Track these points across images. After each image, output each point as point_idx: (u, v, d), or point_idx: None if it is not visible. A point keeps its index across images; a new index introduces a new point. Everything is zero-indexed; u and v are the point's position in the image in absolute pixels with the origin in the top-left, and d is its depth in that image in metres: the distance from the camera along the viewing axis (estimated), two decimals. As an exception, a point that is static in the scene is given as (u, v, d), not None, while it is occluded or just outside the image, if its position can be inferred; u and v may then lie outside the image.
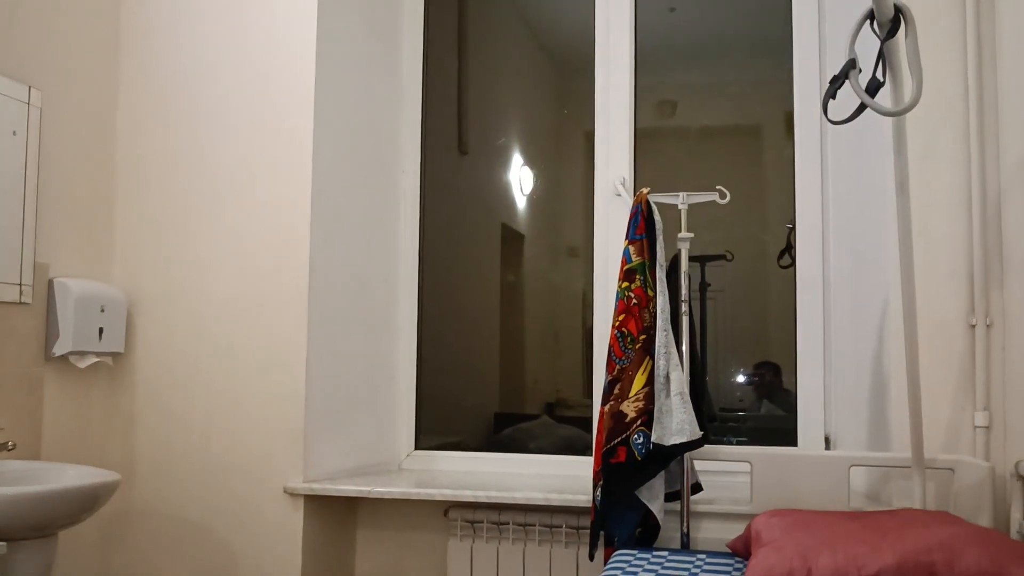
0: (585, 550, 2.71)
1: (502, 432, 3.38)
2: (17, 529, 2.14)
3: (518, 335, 3.46)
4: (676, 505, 2.45)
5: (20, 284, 2.59)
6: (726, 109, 3.18)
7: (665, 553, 2.26)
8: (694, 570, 2.10)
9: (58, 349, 2.67)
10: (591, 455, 3.04)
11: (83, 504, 2.27)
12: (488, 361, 3.49)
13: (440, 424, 3.33)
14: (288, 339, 2.81)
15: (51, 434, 2.70)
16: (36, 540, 2.24)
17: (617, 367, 2.40)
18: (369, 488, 2.73)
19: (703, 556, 2.23)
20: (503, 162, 3.41)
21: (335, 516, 2.94)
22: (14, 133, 2.58)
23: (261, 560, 2.78)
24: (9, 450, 2.34)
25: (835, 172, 2.89)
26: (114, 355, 2.90)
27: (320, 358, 2.85)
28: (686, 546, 2.42)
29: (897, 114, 1.85)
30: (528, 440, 3.25)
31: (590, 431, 3.08)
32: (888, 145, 2.31)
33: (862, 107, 1.86)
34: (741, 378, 3.09)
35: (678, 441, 2.31)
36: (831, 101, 1.93)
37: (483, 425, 3.47)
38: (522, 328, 3.45)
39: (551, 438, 3.23)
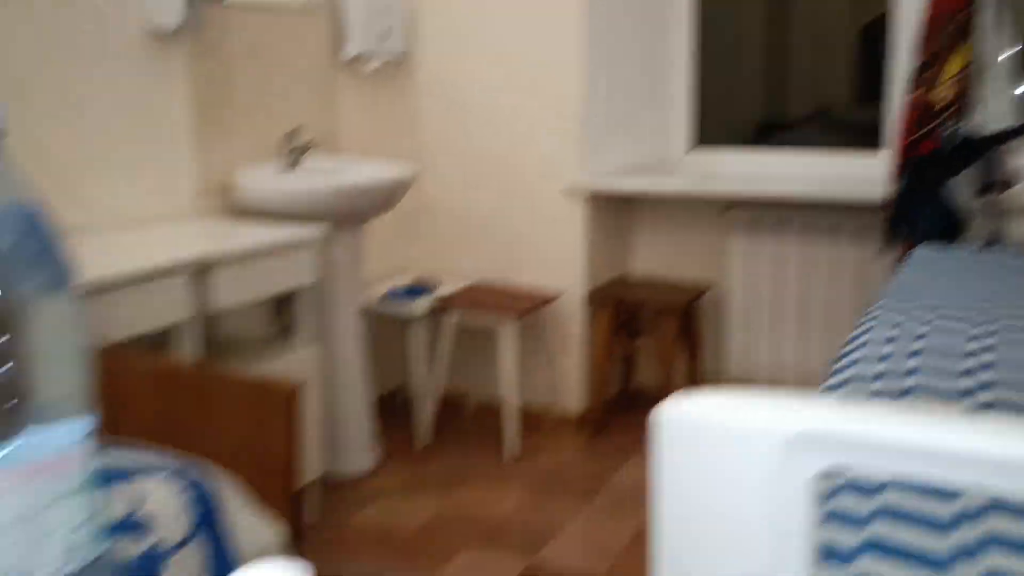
0: (870, 250, 2.63)
1: (773, 135, 3.26)
2: (336, 214, 2.36)
3: (784, 35, 3.25)
4: (983, 201, 2.29)
5: (310, -13, 2.66)
6: None
7: (971, 249, 2.15)
8: (1004, 267, 1.98)
9: (347, 52, 2.77)
10: (874, 154, 2.88)
11: (390, 195, 2.45)
12: (755, 62, 3.32)
13: (711, 125, 3.24)
14: (567, 36, 2.76)
15: (346, 132, 2.87)
16: (350, 228, 2.47)
17: (928, 51, 2.19)
18: (650, 182, 2.73)
19: (1013, 252, 2.10)
20: None
21: (614, 213, 3.00)
22: None
23: (544, 254, 2.92)
24: (315, 147, 2.53)
25: None
26: (398, 57, 2.97)
27: (598, 55, 2.80)
28: (994, 243, 2.29)
29: None
30: (799, 142, 3.12)
31: (863, 133, 2.89)
32: None
33: None
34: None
35: (993, 131, 2.12)
36: None
37: (751, 128, 3.37)
38: (788, 29, 3.23)
39: (823, 140, 3.08)
